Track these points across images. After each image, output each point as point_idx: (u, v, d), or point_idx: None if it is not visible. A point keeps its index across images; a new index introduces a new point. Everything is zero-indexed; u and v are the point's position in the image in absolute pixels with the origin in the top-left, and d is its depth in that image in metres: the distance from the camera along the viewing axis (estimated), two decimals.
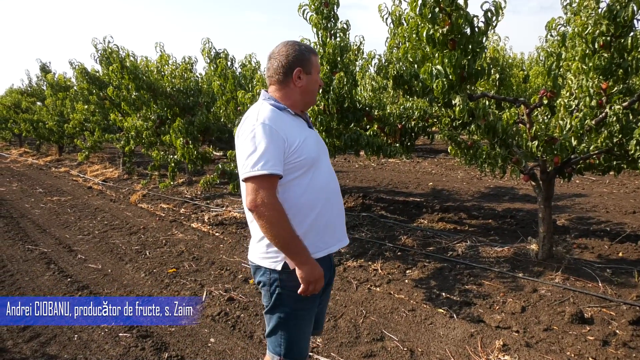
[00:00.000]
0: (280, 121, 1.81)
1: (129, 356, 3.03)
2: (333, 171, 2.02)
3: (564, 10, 3.85)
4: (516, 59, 10.02)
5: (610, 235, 5.10)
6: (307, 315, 1.94)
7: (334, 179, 1.99)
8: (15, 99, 18.43)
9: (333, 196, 1.95)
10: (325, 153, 2.01)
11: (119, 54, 6.91)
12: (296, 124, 1.90)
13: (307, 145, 1.84)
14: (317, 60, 1.97)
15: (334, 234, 1.96)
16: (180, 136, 6.50)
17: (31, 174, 12.28)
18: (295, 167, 1.80)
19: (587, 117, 3.48)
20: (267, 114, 1.80)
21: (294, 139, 1.80)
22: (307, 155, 1.83)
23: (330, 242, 1.94)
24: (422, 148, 14.60)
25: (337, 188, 2.00)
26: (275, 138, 1.74)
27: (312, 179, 1.86)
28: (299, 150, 1.80)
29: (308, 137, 1.88)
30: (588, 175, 8.56)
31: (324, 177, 1.91)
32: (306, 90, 1.94)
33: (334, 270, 2.11)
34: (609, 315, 3.33)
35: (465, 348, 3.04)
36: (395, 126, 5.30)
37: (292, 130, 1.83)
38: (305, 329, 1.96)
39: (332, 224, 1.93)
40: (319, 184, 1.88)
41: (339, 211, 1.99)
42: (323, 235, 1.89)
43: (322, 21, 4.68)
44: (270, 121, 1.77)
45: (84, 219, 6.98)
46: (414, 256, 4.73)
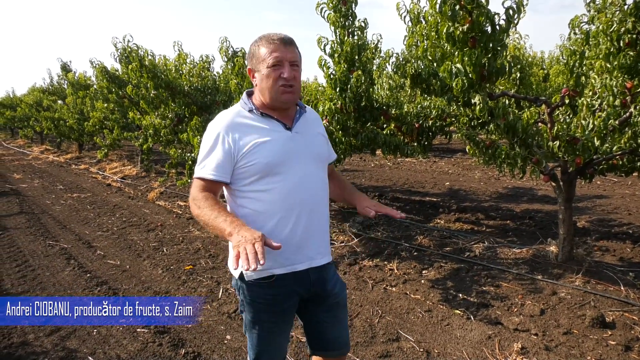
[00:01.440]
0: (237, 124, 1.75)
1: (147, 351, 3.06)
2: (313, 181, 1.80)
3: (587, 7, 3.77)
4: (536, 58, 9.87)
5: (633, 238, 4.98)
6: (272, 327, 1.83)
7: (307, 189, 1.77)
8: (37, 98, 18.83)
9: (301, 209, 1.75)
10: (302, 159, 1.78)
11: (138, 53, 7.00)
12: (261, 125, 1.76)
13: (263, 150, 1.71)
14: (269, 50, 1.70)
15: (301, 251, 1.78)
16: (198, 134, 6.55)
17: (52, 171, 12.51)
18: (246, 172, 1.72)
19: (611, 116, 3.40)
20: (224, 117, 1.78)
21: (246, 143, 1.71)
22: (259, 161, 1.70)
23: (295, 259, 1.77)
24: (439, 147, 14.48)
25: (311, 200, 1.78)
26: (218, 142, 1.72)
27: (268, 187, 1.72)
28: (249, 155, 1.70)
29: (272, 140, 1.73)
30: (610, 177, 8.38)
31: (287, 186, 1.73)
32: (261, 89, 1.76)
33: (324, 285, 1.87)
34: (632, 319, 3.25)
35: (483, 350, 3.01)
36: (412, 125, 5.26)
37: (249, 132, 1.73)
38: (269, 340, 1.85)
39: (297, 240, 1.76)
40: (278, 193, 1.72)
41: (309, 227, 1.78)
42: (283, 250, 1.63)
43: (340, 19, 4.66)
44: (221, 124, 1.74)
45: (103, 215, 7.09)
46: (430, 256, 4.69)
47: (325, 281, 1.88)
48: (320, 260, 1.84)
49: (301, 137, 1.81)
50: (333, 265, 1.99)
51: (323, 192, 1.87)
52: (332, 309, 1.93)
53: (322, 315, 1.92)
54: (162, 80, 6.98)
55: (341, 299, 1.96)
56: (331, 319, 1.94)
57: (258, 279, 1.77)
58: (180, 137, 7.17)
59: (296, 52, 1.76)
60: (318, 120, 1.99)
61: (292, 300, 1.83)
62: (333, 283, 1.92)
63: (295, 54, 1.75)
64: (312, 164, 1.81)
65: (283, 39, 1.72)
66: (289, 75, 1.71)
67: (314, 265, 1.82)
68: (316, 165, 1.84)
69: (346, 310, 2.03)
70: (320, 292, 1.88)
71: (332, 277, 1.93)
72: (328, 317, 1.93)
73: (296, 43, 1.78)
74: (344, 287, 2.01)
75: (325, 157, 1.93)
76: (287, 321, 1.89)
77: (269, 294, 1.78)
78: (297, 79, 1.76)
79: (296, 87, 1.75)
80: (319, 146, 1.89)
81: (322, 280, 1.87)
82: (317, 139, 1.89)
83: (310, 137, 1.86)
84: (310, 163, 1.81)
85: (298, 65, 1.75)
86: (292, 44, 1.75)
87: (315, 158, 1.84)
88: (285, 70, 1.70)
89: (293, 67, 1.73)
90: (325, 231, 1.89)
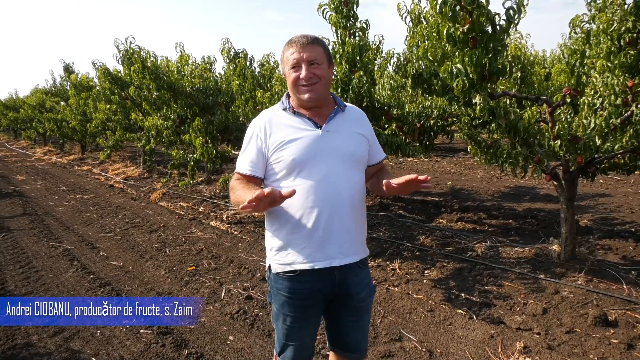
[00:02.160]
0: (270, 121, 1.84)
1: (150, 352, 3.08)
2: (338, 180, 1.79)
3: (588, 7, 3.77)
4: (538, 57, 9.85)
5: (636, 236, 4.98)
6: (294, 322, 1.85)
7: (331, 188, 1.77)
8: (40, 99, 18.90)
9: (323, 207, 1.76)
10: (329, 158, 1.79)
11: (140, 55, 7.03)
12: (292, 123, 1.82)
13: (292, 146, 1.77)
14: (287, 53, 1.79)
15: (321, 249, 1.79)
16: (200, 135, 6.58)
17: (55, 172, 12.56)
18: (274, 168, 1.81)
19: (612, 115, 3.40)
20: (261, 115, 1.89)
21: (276, 139, 1.79)
22: (285, 158, 1.76)
23: (315, 256, 1.79)
24: (441, 147, 14.46)
25: (334, 199, 1.78)
26: (252, 139, 1.85)
27: (296, 182, 1.77)
28: (277, 152, 1.78)
29: (301, 138, 1.78)
30: (612, 175, 8.37)
31: (310, 184, 1.76)
32: (289, 89, 1.85)
33: (349, 287, 1.87)
34: (634, 318, 3.25)
35: (485, 349, 3.01)
36: (414, 125, 5.27)
37: (280, 130, 1.81)
38: (292, 334, 1.88)
39: (317, 238, 1.78)
40: (304, 190, 1.75)
41: (330, 226, 1.78)
42: (305, 247, 1.78)
43: (342, 20, 4.67)
44: (257, 123, 1.86)
45: (106, 216, 7.11)
46: (433, 256, 4.69)
47: (350, 283, 1.87)
48: (342, 260, 1.82)
49: (332, 136, 1.82)
50: (365, 269, 1.96)
51: (349, 191, 1.82)
52: (356, 313, 1.94)
53: (345, 318, 1.93)
54: (164, 82, 7.00)
55: (366, 305, 1.95)
56: (353, 323, 1.95)
57: (282, 272, 1.83)
58: (182, 138, 7.19)
59: (317, 50, 1.78)
60: (361, 120, 1.96)
61: (314, 298, 1.84)
62: (360, 287, 1.90)
63: (315, 52, 1.77)
64: (340, 163, 1.80)
65: (302, 40, 1.78)
66: (305, 75, 1.76)
67: (334, 265, 1.81)
68: (345, 164, 1.82)
69: (369, 316, 2.04)
70: (344, 293, 1.87)
71: (361, 280, 1.91)
72: (350, 321, 1.94)
73: (321, 41, 1.83)
74: (372, 292, 2.00)
75: (360, 157, 1.89)
76: (310, 319, 1.90)
77: (292, 287, 1.83)
78: (320, 76, 1.78)
79: (319, 84, 1.79)
80: (353, 146, 1.86)
81: (348, 282, 1.86)
82: (353, 139, 1.87)
83: (344, 136, 1.85)
84: (338, 162, 1.80)
85: (320, 63, 1.78)
86: (313, 43, 1.78)
87: (346, 158, 1.82)
88: (303, 71, 1.76)
89: (312, 66, 1.76)
90: (350, 231, 1.83)
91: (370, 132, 1.97)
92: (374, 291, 2.02)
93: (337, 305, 1.92)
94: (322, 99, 1.84)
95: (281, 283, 1.84)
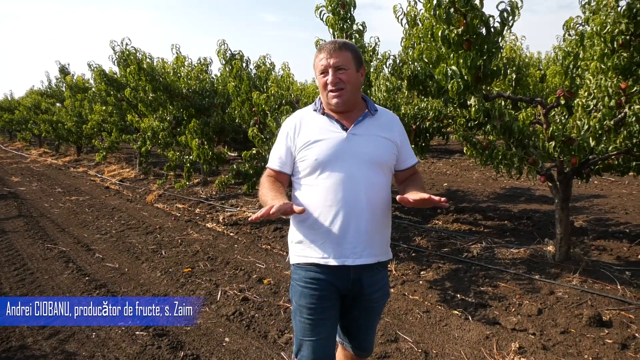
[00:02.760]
0: (301, 121, 1.93)
1: (146, 354, 3.07)
2: (358, 182, 1.83)
3: (582, 9, 3.80)
4: (533, 59, 9.88)
5: (630, 237, 5.01)
6: (310, 313, 1.88)
7: (349, 189, 1.82)
8: (35, 100, 18.81)
9: (340, 208, 1.82)
10: (351, 161, 1.83)
11: (136, 56, 7.01)
12: (320, 124, 1.90)
13: (317, 147, 1.85)
14: (317, 59, 1.86)
15: (336, 248, 1.85)
16: (196, 137, 6.57)
17: (50, 174, 12.51)
18: (300, 166, 1.90)
19: (606, 117, 3.43)
20: (294, 114, 2.00)
21: (303, 139, 1.88)
22: (310, 157, 1.85)
23: (330, 254, 1.85)
24: (437, 148, 14.50)
25: (351, 201, 1.82)
26: (282, 137, 1.95)
27: (316, 182, 1.85)
28: (304, 150, 1.87)
29: (327, 139, 1.84)
30: (606, 176, 8.41)
31: (332, 183, 1.82)
32: (320, 93, 1.92)
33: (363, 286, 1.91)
34: (628, 318, 3.27)
35: (481, 350, 3.02)
36: (409, 127, 5.29)
37: (308, 130, 1.90)
38: (308, 329, 1.89)
39: (333, 237, 1.84)
40: (321, 190, 1.84)
41: (346, 226, 1.83)
42: (322, 243, 1.86)
43: (339, 22, 4.68)
44: (289, 122, 1.96)
45: (102, 218, 7.09)
46: (429, 257, 4.71)
47: (365, 282, 1.91)
48: (356, 260, 1.85)
49: (358, 139, 1.86)
50: (382, 271, 1.99)
51: (369, 194, 1.84)
52: (367, 312, 2.00)
53: (357, 316, 2.00)
54: (160, 83, 6.98)
55: (377, 306, 2.01)
56: (364, 322, 2.02)
57: (300, 263, 1.92)
58: (178, 139, 7.17)
59: (344, 56, 1.82)
60: (391, 125, 1.97)
61: (329, 290, 1.89)
62: (375, 288, 1.95)
63: (342, 57, 1.82)
64: (362, 166, 1.84)
65: (329, 46, 1.83)
66: (332, 80, 1.82)
67: (347, 264, 1.85)
68: (368, 168, 1.85)
69: (379, 317, 2.12)
70: (358, 291, 1.93)
71: (376, 282, 1.95)
72: (361, 320, 2.01)
73: (350, 45, 1.87)
74: (386, 296, 2.03)
75: (385, 161, 1.90)
76: (327, 311, 1.90)
77: (308, 277, 1.89)
78: (347, 81, 1.83)
79: (345, 90, 1.83)
80: (378, 150, 1.88)
81: (363, 281, 1.91)
82: (379, 143, 1.89)
83: (370, 140, 1.87)
84: (361, 165, 1.84)
85: (347, 68, 1.82)
86: (340, 49, 1.83)
87: (369, 161, 1.85)
88: (329, 76, 1.82)
89: (339, 72, 1.82)
90: (367, 233, 1.86)
91: (401, 137, 1.98)
92: (388, 295, 2.06)
93: (351, 302, 1.98)
94: (349, 104, 1.88)
95: (299, 273, 1.92)
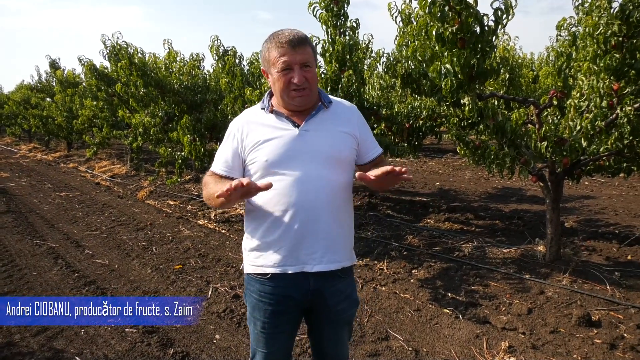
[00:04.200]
0: (249, 122, 1.78)
1: (135, 351, 3.04)
2: (314, 182, 1.68)
3: (575, 10, 3.81)
4: (526, 59, 9.95)
5: (619, 238, 5.05)
6: (264, 327, 1.79)
7: (306, 190, 1.67)
8: (25, 95, 18.58)
9: (296, 210, 1.67)
10: (306, 159, 1.69)
11: (127, 51, 6.95)
12: (270, 123, 1.74)
13: (266, 147, 1.69)
14: (278, 54, 1.65)
15: (293, 254, 1.71)
16: (188, 133, 6.53)
17: (40, 170, 12.37)
18: (251, 169, 1.75)
19: (598, 118, 3.45)
20: (241, 115, 1.85)
21: (252, 140, 1.73)
22: (260, 158, 1.69)
23: (286, 261, 1.71)
24: (430, 148, 14.54)
25: (309, 202, 1.68)
26: (228, 139, 1.80)
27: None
28: (252, 152, 1.72)
29: (276, 138, 1.70)
30: (597, 177, 8.48)
31: (286, 185, 1.67)
32: (274, 91, 1.74)
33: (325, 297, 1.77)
34: (617, 318, 3.30)
35: (471, 349, 3.03)
36: (402, 125, 5.29)
37: (256, 130, 1.74)
38: (262, 340, 1.81)
39: (289, 242, 1.70)
40: (275, 193, 1.66)
41: (304, 230, 1.69)
42: (278, 250, 1.70)
43: (332, 19, 4.66)
44: (235, 123, 1.82)
45: (92, 214, 7.02)
46: (420, 256, 4.71)
47: (327, 294, 1.77)
48: (314, 267, 1.71)
49: (312, 136, 1.72)
50: (346, 279, 1.83)
51: (328, 195, 1.70)
52: (334, 326, 1.85)
53: (323, 329, 1.87)
54: (151, 79, 6.93)
55: (346, 317, 1.86)
56: (331, 335, 1.88)
57: (254, 274, 1.79)
58: (170, 135, 7.13)
59: (307, 52, 1.67)
60: (348, 117, 1.82)
61: (285, 304, 1.76)
62: (339, 298, 1.80)
63: (306, 54, 1.66)
64: (318, 164, 1.70)
65: (291, 41, 1.64)
66: (299, 79, 1.65)
67: (307, 271, 1.71)
68: (325, 166, 1.70)
69: (350, 327, 1.96)
70: (321, 303, 1.79)
71: (340, 291, 1.80)
72: (328, 333, 1.87)
73: (308, 39, 1.71)
74: (354, 305, 1.88)
75: (344, 157, 1.76)
76: (281, 326, 1.80)
77: (262, 290, 1.77)
78: (310, 80, 1.68)
79: (310, 88, 1.69)
80: (335, 145, 1.74)
81: (324, 291, 1.76)
82: (336, 138, 1.75)
83: (326, 135, 1.73)
84: (317, 163, 1.69)
85: (310, 66, 1.68)
86: (303, 44, 1.66)
87: (326, 158, 1.71)
88: (295, 74, 1.65)
89: (304, 69, 1.66)
90: (327, 236, 1.72)
91: (362, 129, 1.83)
92: (356, 304, 1.90)
93: (315, 316, 1.86)
94: (311, 103, 1.75)
95: (253, 285, 1.80)
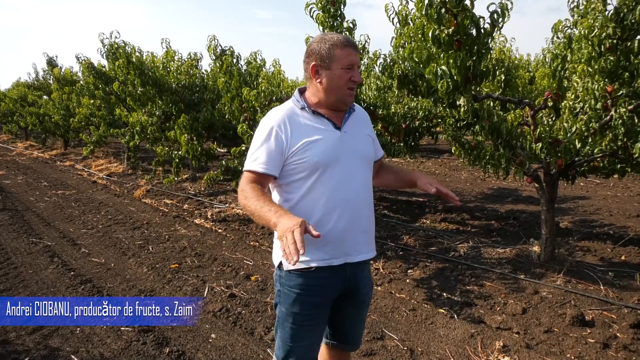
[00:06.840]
0: (290, 120, 1.79)
1: (131, 350, 3.05)
2: (357, 181, 1.84)
3: (571, 12, 3.84)
4: (522, 60, 9.97)
5: (613, 239, 5.08)
6: (304, 320, 1.84)
7: (351, 189, 1.82)
8: (22, 92, 18.52)
9: (344, 207, 1.80)
10: (348, 159, 1.82)
11: (125, 50, 6.94)
12: (312, 124, 1.81)
13: (314, 148, 1.76)
14: (344, 52, 1.76)
15: (339, 247, 1.82)
16: (185, 132, 6.53)
17: (36, 168, 12.34)
18: (296, 169, 1.77)
19: (592, 119, 3.47)
20: (277, 112, 1.83)
21: (297, 140, 1.76)
22: (310, 159, 1.75)
23: (333, 254, 1.81)
24: (426, 148, 14.57)
25: (354, 200, 1.82)
26: (271, 137, 1.76)
27: (315, 184, 1.77)
28: (300, 152, 1.76)
29: (323, 139, 1.78)
30: (592, 178, 8.52)
31: (332, 184, 1.78)
32: (328, 88, 1.78)
33: (357, 282, 1.92)
34: (610, 318, 3.32)
35: (466, 348, 3.05)
36: (399, 126, 5.30)
37: (300, 131, 1.78)
38: (300, 335, 1.86)
39: (336, 237, 1.80)
40: (323, 191, 1.77)
41: (350, 225, 1.82)
42: (325, 245, 1.78)
43: (329, 20, 4.68)
44: (274, 119, 1.79)
45: (88, 213, 7.02)
46: (416, 256, 4.73)
47: (359, 278, 1.92)
48: (356, 257, 1.87)
49: (349, 137, 1.86)
50: (369, 264, 2.04)
51: (366, 192, 1.89)
52: (358, 307, 2.00)
53: (349, 311, 1.99)
54: (149, 77, 6.92)
55: (367, 299, 2.03)
56: (355, 316, 2.01)
57: (296, 269, 1.82)
58: (167, 134, 7.13)
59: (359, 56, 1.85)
60: (366, 120, 2.02)
61: (327, 293, 1.86)
62: (365, 281, 1.98)
63: (359, 58, 1.85)
64: (357, 164, 1.86)
65: (353, 44, 1.80)
66: (359, 78, 1.80)
67: (350, 261, 1.85)
68: (361, 165, 1.88)
69: (367, 309, 2.13)
70: (352, 288, 1.92)
71: (366, 275, 1.99)
72: (353, 314, 2.00)
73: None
74: (372, 287, 2.06)
75: (371, 157, 1.97)
76: (320, 317, 1.89)
77: (306, 284, 1.82)
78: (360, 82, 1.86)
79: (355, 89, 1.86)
80: (365, 146, 1.93)
81: (357, 277, 1.91)
82: (364, 140, 1.93)
83: (358, 137, 1.90)
84: (356, 163, 1.85)
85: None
86: (358, 49, 1.84)
87: (361, 158, 1.88)
88: (356, 73, 1.79)
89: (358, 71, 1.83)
90: (365, 230, 1.90)
91: (373, 132, 2.04)
92: (372, 285, 2.09)
93: (343, 300, 1.95)
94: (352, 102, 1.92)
95: (293, 280, 1.82)
